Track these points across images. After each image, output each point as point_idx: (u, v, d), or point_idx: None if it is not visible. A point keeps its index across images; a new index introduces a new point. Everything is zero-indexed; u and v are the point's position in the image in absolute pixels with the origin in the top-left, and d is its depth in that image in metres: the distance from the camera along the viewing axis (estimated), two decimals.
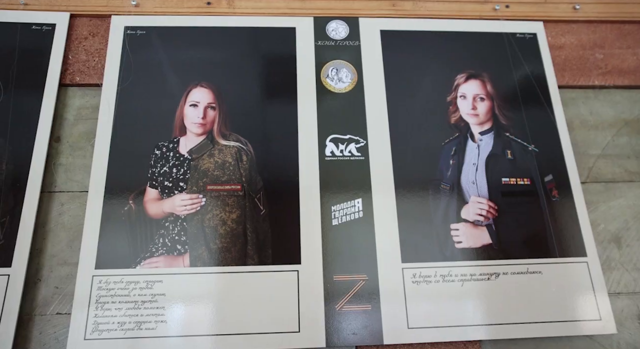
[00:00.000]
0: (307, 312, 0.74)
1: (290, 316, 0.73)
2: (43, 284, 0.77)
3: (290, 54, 0.91)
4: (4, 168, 0.80)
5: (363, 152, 0.85)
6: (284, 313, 0.73)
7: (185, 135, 0.83)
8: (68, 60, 0.89)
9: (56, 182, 0.83)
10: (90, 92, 0.89)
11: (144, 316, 0.72)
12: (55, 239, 0.80)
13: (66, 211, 0.81)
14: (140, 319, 0.72)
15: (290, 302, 0.74)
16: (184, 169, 0.81)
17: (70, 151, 0.85)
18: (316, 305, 0.74)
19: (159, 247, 0.76)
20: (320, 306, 0.74)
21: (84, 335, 0.71)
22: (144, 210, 0.78)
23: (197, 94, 0.86)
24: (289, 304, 0.74)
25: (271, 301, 0.74)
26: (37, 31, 0.89)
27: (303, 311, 0.74)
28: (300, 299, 0.74)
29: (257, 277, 0.75)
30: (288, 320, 0.73)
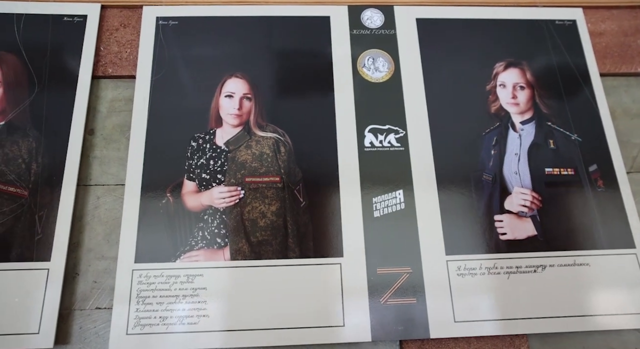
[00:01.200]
0: (351, 306, 0.72)
1: (335, 310, 0.72)
2: (81, 278, 0.76)
3: (325, 44, 0.89)
4: (40, 161, 0.79)
5: (403, 142, 0.83)
6: (327, 307, 0.72)
7: (221, 126, 0.82)
8: (100, 52, 0.88)
9: (91, 176, 0.82)
10: (123, 84, 0.88)
11: (186, 311, 0.71)
12: (92, 232, 0.78)
13: (102, 204, 0.80)
14: (182, 314, 0.71)
15: (333, 295, 0.73)
16: (221, 161, 0.79)
17: (105, 144, 0.84)
18: (360, 299, 0.73)
19: (199, 241, 0.75)
20: (364, 300, 0.73)
21: (126, 330, 0.69)
22: (182, 203, 0.77)
23: (232, 85, 0.84)
24: (332, 298, 0.72)
25: (314, 295, 0.72)
26: (68, 23, 0.88)
27: (347, 305, 0.72)
28: (344, 293, 0.73)
29: (299, 270, 0.74)
30: (332, 314, 0.72)
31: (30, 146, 0.80)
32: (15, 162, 0.78)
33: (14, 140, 0.80)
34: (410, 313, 0.72)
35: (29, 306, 0.71)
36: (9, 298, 0.71)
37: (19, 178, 0.78)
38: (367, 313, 0.72)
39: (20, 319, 0.70)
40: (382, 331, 0.71)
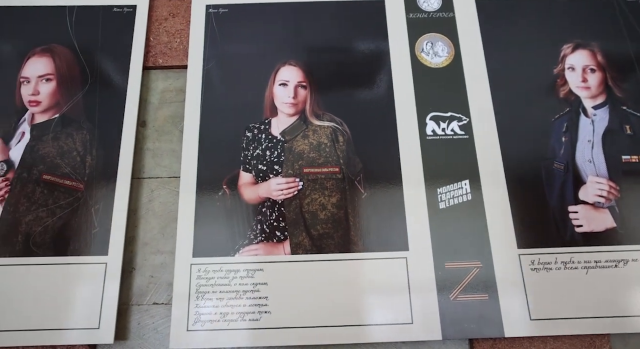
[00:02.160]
0: (419, 302, 0.68)
1: (402, 306, 0.68)
2: (138, 273, 0.74)
3: (381, 29, 0.85)
4: (94, 154, 0.77)
5: (466, 130, 0.78)
6: (394, 303, 0.68)
7: (276, 116, 0.79)
8: (150, 42, 0.86)
9: (144, 168, 0.80)
10: (173, 74, 0.86)
11: (247, 307, 0.68)
12: (146, 226, 0.77)
13: (156, 197, 0.78)
14: (243, 310, 0.68)
15: (400, 291, 0.69)
16: (277, 151, 0.76)
17: (157, 136, 0.82)
18: (428, 294, 0.69)
19: (258, 234, 0.72)
20: (432, 296, 0.69)
21: (186, 326, 0.67)
22: (239, 195, 0.74)
23: (286, 73, 0.81)
24: (399, 294, 0.69)
25: (380, 290, 0.69)
26: (118, 13, 0.86)
27: (415, 301, 0.68)
28: (410, 288, 0.69)
29: (362, 265, 0.70)
30: (399, 311, 0.68)
31: (85, 138, 0.78)
32: (70, 155, 0.77)
33: (68, 133, 0.79)
34: (482, 310, 0.68)
35: (88, 301, 0.70)
36: (68, 292, 0.70)
37: (75, 171, 0.76)
38: (437, 310, 0.68)
39: (80, 314, 0.69)
40: (453, 329, 0.67)
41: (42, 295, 0.70)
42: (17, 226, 0.74)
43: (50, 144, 0.78)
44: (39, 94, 0.81)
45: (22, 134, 0.79)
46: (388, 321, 0.67)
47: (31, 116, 0.80)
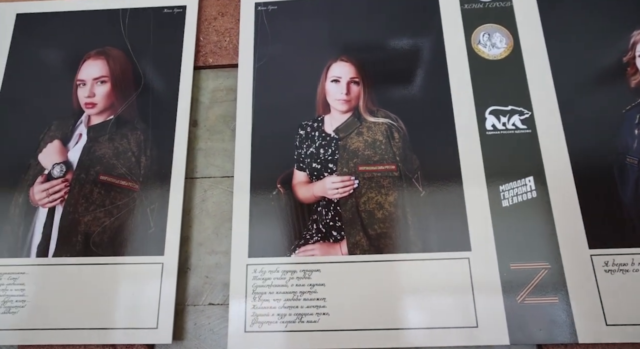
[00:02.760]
0: (484, 305, 0.65)
1: (466, 309, 0.65)
2: (193, 273, 0.74)
3: (435, 21, 0.82)
4: (149, 154, 0.78)
5: (529, 124, 0.74)
6: (457, 306, 0.65)
7: (329, 113, 0.77)
8: (199, 42, 0.86)
9: (197, 168, 0.80)
10: (224, 73, 0.85)
11: (305, 308, 0.67)
12: (200, 226, 0.76)
13: (209, 197, 0.78)
14: (301, 311, 0.67)
15: (463, 293, 0.66)
16: (331, 149, 0.75)
17: (209, 135, 0.81)
18: (494, 297, 0.65)
19: (314, 234, 0.70)
20: (498, 298, 0.65)
21: (244, 327, 0.66)
22: (294, 194, 0.73)
23: (337, 69, 0.79)
24: (462, 296, 0.66)
25: (442, 292, 0.66)
26: (168, 14, 0.87)
27: (479, 304, 0.65)
28: (474, 290, 0.66)
29: (423, 265, 0.68)
30: (463, 314, 0.65)
31: (139, 139, 0.79)
32: (125, 156, 0.78)
33: (123, 134, 0.79)
34: (552, 314, 0.64)
35: (145, 300, 0.70)
36: (127, 292, 0.70)
37: (130, 171, 0.77)
38: (503, 313, 0.64)
39: (138, 314, 0.69)
40: (521, 333, 0.64)
41: (102, 294, 0.71)
42: (77, 226, 0.75)
43: (106, 145, 0.79)
44: (95, 96, 0.82)
45: (80, 135, 0.80)
46: (451, 324, 0.64)
47: (87, 118, 0.81)
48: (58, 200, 0.76)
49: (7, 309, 0.71)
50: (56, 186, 0.77)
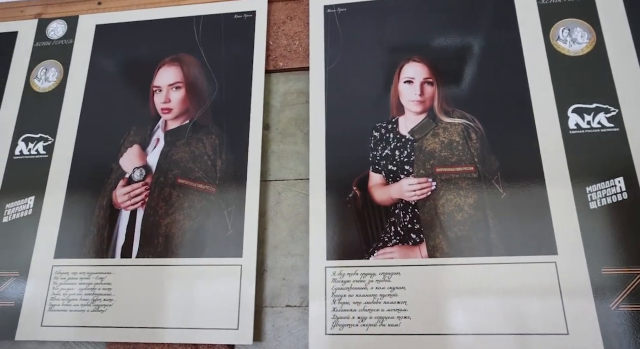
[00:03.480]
0: (574, 311, 0.63)
1: (554, 315, 0.63)
2: (269, 275, 0.75)
3: (510, 17, 0.80)
4: (224, 157, 0.79)
5: (616, 122, 0.71)
6: (545, 312, 0.63)
7: (403, 114, 0.76)
8: (269, 46, 0.87)
9: (270, 171, 0.80)
10: (294, 76, 0.86)
11: (385, 311, 0.66)
12: (276, 229, 0.77)
13: (283, 199, 0.79)
14: (382, 315, 0.66)
15: (550, 299, 0.63)
16: (407, 150, 0.74)
17: (281, 138, 0.82)
18: (584, 303, 0.63)
19: (392, 237, 0.70)
20: (589, 305, 0.63)
21: (324, 330, 0.66)
22: (370, 196, 0.72)
23: (410, 70, 0.78)
24: (549, 301, 0.63)
25: (528, 297, 0.64)
26: (238, 20, 0.88)
27: (569, 310, 0.63)
28: (563, 296, 0.63)
29: (506, 269, 0.66)
30: (552, 320, 0.63)
31: (214, 143, 0.80)
32: (201, 159, 0.80)
33: (199, 138, 0.81)
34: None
35: (226, 301, 0.71)
36: (207, 293, 0.72)
37: (207, 175, 0.78)
38: (595, 320, 0.62)
39: (219, 315, 0.71)
40: (617, 342, 0.61)
41: (183, 295, 0.73)
42: (158, 228, 0.77)
43: (183, 149, 0.81)
44: (170, 101, 0.84)
45: (157, 140, 0.83)
46: (540, 330, 0.62)
47: (164, 123, 0.84)
48: (139, 203, 0.79)
49: (96, 307, 0.74)
50: (137, 189, 0.80)
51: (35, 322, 0.75)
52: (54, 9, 0.98)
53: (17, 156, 0.86)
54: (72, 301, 0.76)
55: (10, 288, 0.78)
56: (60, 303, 0.76)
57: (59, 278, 0.77)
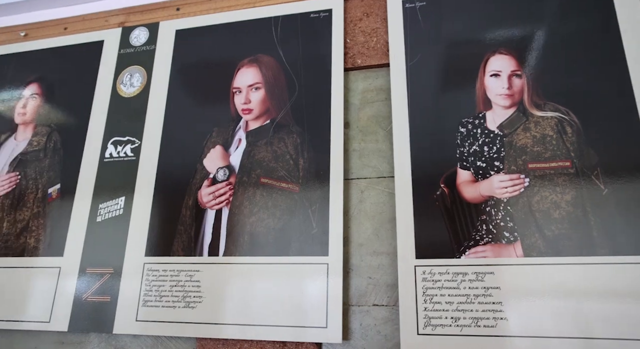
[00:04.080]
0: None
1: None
2: (355, 274, 0.74)
3: (605, 2, 0.75)
4: (306, 156, 0.80)
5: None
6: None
7: (491, 109, 0.74)
8: (347, 43, 0.87)
9: (352, 169, 0.80)
10: (372, 74, 0.85)
11: (480, 312, 0.64)
12: (359, 227, 0.77)
13: (366, 198, 0.78)
14: (476, 315, 0.64)
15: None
16: (496, 146, 0.71)
17: (362, 136, 0.82)
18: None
19: (484, 235, 0.67)
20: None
21: (416, 330, 0.65)
22: (459, 194, 0.70)
23: (497, 63, 0.75)
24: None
25: (637, 299, 0.60)
26: (315, 19, 0.88)
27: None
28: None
29: (611, 269, 0.62)
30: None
31: (295, 142, 0.81)
32: (283, 159, 0.80)
33: (280, 137, 0.82)
34: None
35: (313, 300, 0.71)
36: (294, 291, 0.73)
37: (289, 174, 0.79)
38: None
39: (306, 313, 0.71)
40: None
41: (270, 292, 0.73)
42: (243, 226, 0.78)
43: (265, 149, 0.82)
44: (250, 102, 0.86)
45: (239, 140, 0.84)
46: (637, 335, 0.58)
47: (245, 124, 0.85)
48: (224, 202, 0.81)
49: (186, 303, 0.77)
50: (221, 188, 0.82)
51: (131, 317, 0.78)
52: (135, 17, 1.02)
53: (107, 159, 0.90)
54: (164, 297, 0.78)
55: (106, 284, 0.82)
56: (152, 299, 0.79)
57: (150, 275, 0.80)
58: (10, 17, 1.11)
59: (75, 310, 0.82)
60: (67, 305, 0.82)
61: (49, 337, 0.85)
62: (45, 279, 0.85)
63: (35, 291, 0.85)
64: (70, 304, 0.82)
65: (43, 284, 0.85)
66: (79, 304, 0.82)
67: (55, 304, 0.83)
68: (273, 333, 0.72)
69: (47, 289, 0.85)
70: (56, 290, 0.84)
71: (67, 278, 0.84)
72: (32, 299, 0.85)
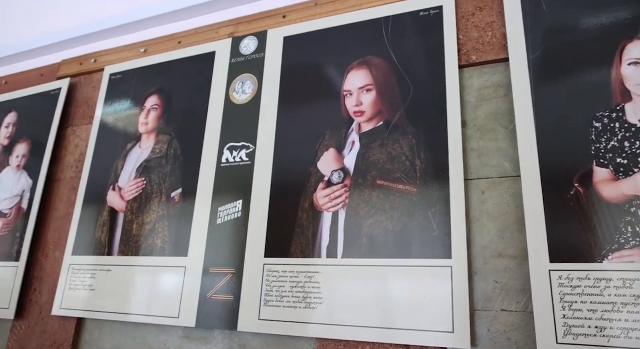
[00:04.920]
0: None
1: None
2: (479, 277, 0.72)
3: None
4: (423, 157, 0.78)
5: None
6: None
7: (630, 100, 0.68)
8: (459, 40, 0.84)
9: (471, 169, 0.77)
10: (488, 70, 0.82)
11: (630, 322, 0.59)
12: (482, 229, 0.74)
13: (488, 198, 0.75)
14: (626, 326, 0.59)
15: None
16: (639, 141, 0.65)
17: (480, 135, 0.79)
18: None
19: (629, 238, 0.62)
20: None
21: (555, 338, 0.62)
22: (596, 193, 0.66)
23: (636, 50, 0.69)
24: None
25: None
26: (424, 17, 0.87)
27: None
28: None
29: None
30: None
31: (410, 142, 0.80)
32: (399, 160, 0.80)
33: (394, 139, 0.81)
34: None
35: (439, 303, 0.70)
36: (416, 293, 0.72)
37: (406, 175, 0.78)
38: None
39: (430, 317, 0.70)
40: None
41: (391, 295, 0.73)
42: (360, 228, 0.78)
43: (379, 151, 0.81)
44: (362, 104, 0.86)
45: (352, 143, 0.84)
46: None
47: (358, 126, 0.85)
48: (340, 204, 0.81)
49: (307, 304, 0.78)
50: (337, 191, 0.82)
51: (253, 315, 0.82)
52: (243, 26, 1.06)
53: (223, 164, 0.95)
54: (284, 297, 0.80)
55: (228, 283, 0.86)
56: (273, 299, 0.81)
57: (270, 276, 0.83)
58: (131, 35, 1.20)
59: (201, 307, 0.86)
60: (193, 302, 0.87)
61: (175, 331, 0.91)
62: (172, 277, 0.91)
63: (164, 288, 0.91)
64: (196, 302, 0.87)
65: (171, 282, 0.91)
66: (204, 301, 0.87)
67: (183, 301, 0.89)
68: (395, 335, 0.71)
69: (174, 287, 0.90)
70: (182, 288, 0.90)
71: (192, 277, 0.89)
72: (162, 295, 0.91)
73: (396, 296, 0.73)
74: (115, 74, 1.18)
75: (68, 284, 1.03)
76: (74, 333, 1.00)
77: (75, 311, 0.99)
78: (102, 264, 1.00)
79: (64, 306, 1.01)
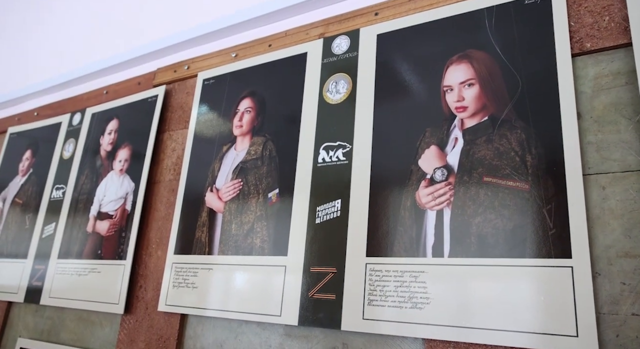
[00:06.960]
0: None
1: None
2: (604, 278, 0.67)
3: None
4: (534, 152, 0.74)
5: None
6: None
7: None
8: (571, 27, 0.79)
9: (589, 164, 0.73)
10: (605, 57, 0.76)
11: None
12: (605, 227, 0.69)
13: (610, 195, 0.70)
14: None
15: None
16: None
17: (598, 127, 0.74)
18: None
19: None
20: None
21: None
22: None
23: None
24: None
25: None
26: (531, 5, 0.83)
27: None
28: None
29: None
30: None
31: (520, 138, 0.76)
32: (508, 156, 0.76)
33: (501, 134, 0.78)
34: None
35: (556, 306, 0.66)
36: (530, 294, 0.68)
37: (516, 172, 0.75)
38: None
39: (549, 320, 0.66)
40: None
41: (503, 295, 0.70)
42: (468, 227, 0.76)
43: (485, 147, 0.79)
44: (464, 99, 0.83)
45: (455, 139, 0.82)
46: None
47: (460, 122, 0.83)
48: (444, 203, 0.79)
49: (413, 304, 0.77)
50: (440, 189, 0.80)
51: (357, 315, 0.81)
52: (334, 26, 1.06)
53: (320, 164, 0.96)
54: (389, 297, 0.80)
55: (330, 282, 0.86)
56: (377, 298, 0.81)
57: (374, 275, 0.82)
58: (222, 41, 1.24)
59: (302, 306, 0.87)
60: (295, 301, 0.89)
61: (277, 329, 0.93)
62: (273, 276, 0.93)
63: (265, 287, 0.94)
64: (297, 301, 0.88)
65: (272, 281, 0.93)
66: (305, 300, 0.88)
67: (284, 299, 0.90)
68: (509, 338, 0.69)
69: (275, 285, 0.92)
70: (284, 287, 0.91)
71: (293, 276, 0.91)
72: (264, 294, 0.93)
73: (507, 296, 0.70)
74: (208, 79, 1.22)
75: (172, 282, 1.08)
76: (179, 328, 1.05)
77: (180, 308, 1.04)
78: (203, 263, 1.04)
79: (169, 303, 1.07)
